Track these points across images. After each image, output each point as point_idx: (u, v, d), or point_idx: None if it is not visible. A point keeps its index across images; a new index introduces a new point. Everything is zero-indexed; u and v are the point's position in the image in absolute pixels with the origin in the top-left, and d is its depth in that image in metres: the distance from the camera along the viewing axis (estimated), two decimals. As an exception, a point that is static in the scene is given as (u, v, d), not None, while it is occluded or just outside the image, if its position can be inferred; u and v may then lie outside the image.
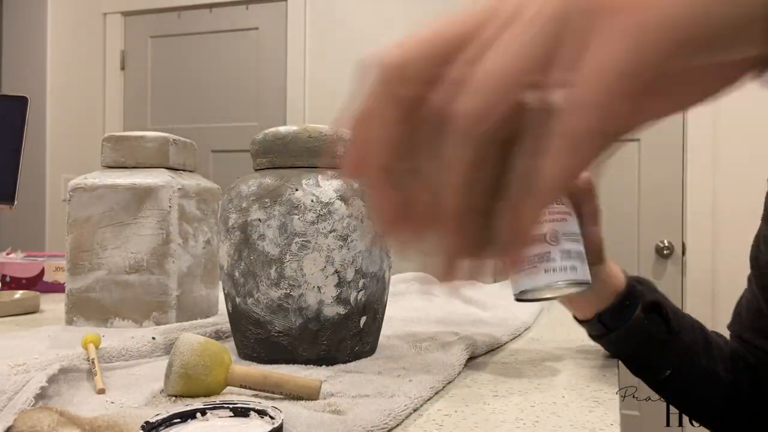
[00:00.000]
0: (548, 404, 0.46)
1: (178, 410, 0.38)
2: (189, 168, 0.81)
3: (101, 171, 0.76)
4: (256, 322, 0.55)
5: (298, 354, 0.54)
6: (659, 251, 2.26)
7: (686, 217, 2.24)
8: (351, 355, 0.56)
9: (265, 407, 0.39)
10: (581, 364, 0.59)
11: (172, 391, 0.45)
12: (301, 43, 2.71)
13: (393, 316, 0.82)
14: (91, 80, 2.93)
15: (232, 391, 0.47)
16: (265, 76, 2.80)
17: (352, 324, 0.55)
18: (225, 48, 2.86)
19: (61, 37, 2.75)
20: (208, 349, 0.45)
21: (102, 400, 0.44)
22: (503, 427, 0.41)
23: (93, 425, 0.36)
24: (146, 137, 0.76)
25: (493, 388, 0.50)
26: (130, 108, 2.99)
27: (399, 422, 0.41)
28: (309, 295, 0.53)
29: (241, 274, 0.55)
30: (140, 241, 0.72)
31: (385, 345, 0.63)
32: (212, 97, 2.87)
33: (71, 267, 0.73)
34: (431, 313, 0.83)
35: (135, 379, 0.50)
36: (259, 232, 0.53)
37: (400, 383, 0.47)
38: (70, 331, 0.69)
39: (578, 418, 0.43)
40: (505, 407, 0.45)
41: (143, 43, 2.98)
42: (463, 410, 0.44)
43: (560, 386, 0.51)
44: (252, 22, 2.83)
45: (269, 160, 0.57)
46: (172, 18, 2.94)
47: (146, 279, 0.71)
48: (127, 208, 0.72)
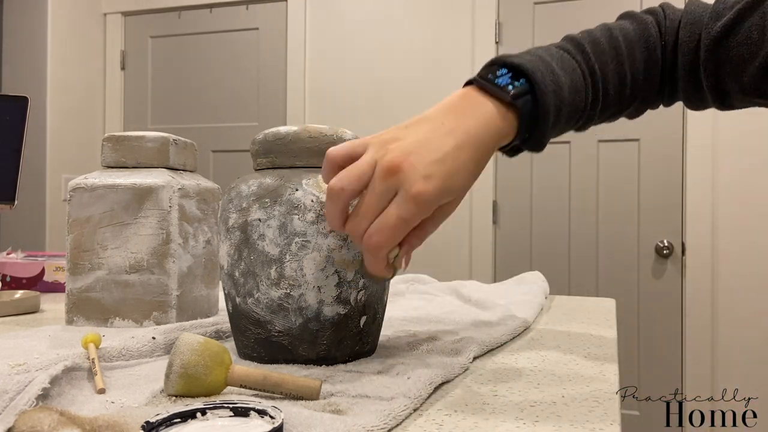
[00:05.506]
0: (548, 404, 0.46)
1: (178, 410, 0.38)
2: (189, 168, 0.81)
3: (101, 171, 0.76)
4: (256, 322, 0.55)
5: (298, 354, 0.54)
6: (659, 251, 2.26)
7: (686, 217, 2.24)
8: (351, 355, 0.56)
9: (265, 407, 0.39)
10: (581, 364, 0.59)
11: (172, 391, 0.45)
12: (301, 43, 2.71)
13: (393, 316, 0.82)
14: (91, 80, 2.93)
15: (232, 391, 0.47)
16: (265, 76, 2.80)
17: (352, 324, 0.55)
18: (225, 48, 2.86)
19: (61, 37, 2.75)
20: (208, 349, 0.45)
21: (102, 399, 0.44)
22: (503, 427, 0.41)
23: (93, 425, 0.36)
24: (146, 137, 0.76)
25: (493, 388, 0.50)
26: (130, 108, 2.99)
27: (399, 422, 0.41)
28: (309, 295, 0.53)
29: (241, 274, 0.55)
30: (140, 241, 0.72)
31: (385, 345, 0.63)
32: (212, 97, 2.87)
33: (71, 267, 0.73)
34: (431, 313, 0.83)
35: (135, 378, 0.50)
36: (259, 232, 0.53)
37: (400, 383, 0.47)
38: (70, 331, 0.69)
39: (578, 418, 0.43)
40: (505, 407, 0.45)
41: (143, 43, 2.98)
42: (463, 410, 0.44)
43: (560, 386, 0.51)
44: (252, 22, 2.83)
45: (269, 160, 0.58)
46: (172, 18, 2.94)
47: (146, 279, 0.71)
48: (127, 208, 0.72)
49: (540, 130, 0.52)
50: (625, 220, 2.33)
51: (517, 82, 0.50)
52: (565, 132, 0.57)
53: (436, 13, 2.55)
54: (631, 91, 0.60)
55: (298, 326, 0.54)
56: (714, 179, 2.21)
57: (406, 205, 0.42)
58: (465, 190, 0.46)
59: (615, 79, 0.58)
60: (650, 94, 0.62)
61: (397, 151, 0.44)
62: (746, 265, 2.14)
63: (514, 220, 2.46)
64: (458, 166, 0.45)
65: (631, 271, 2.31)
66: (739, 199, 2.18)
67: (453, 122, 0.47)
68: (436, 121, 0.47)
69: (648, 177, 2.31)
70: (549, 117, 0.51)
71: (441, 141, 0.45)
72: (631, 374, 2.27)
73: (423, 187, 0.42)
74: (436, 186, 0.43)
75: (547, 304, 1.01)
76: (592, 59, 0.57)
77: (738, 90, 0.59)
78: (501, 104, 0.49)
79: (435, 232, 2.50)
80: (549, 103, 0.51)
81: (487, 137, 0.47)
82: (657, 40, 0.61)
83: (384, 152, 0.44)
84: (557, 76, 0.52)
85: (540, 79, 0.50)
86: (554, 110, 0.51)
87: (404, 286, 1.07)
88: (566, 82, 0.53)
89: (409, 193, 0.42)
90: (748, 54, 0.56)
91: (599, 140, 2.37)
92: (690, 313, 2.20)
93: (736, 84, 0.58)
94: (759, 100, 0.59)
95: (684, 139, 2.27)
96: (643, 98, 0.62)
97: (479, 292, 0.97)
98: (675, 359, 2.24)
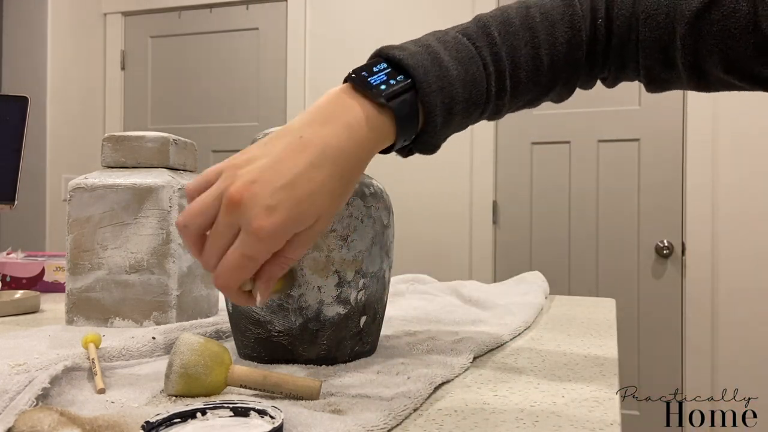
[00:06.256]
0: (548, 404, 0.46)
1: (178, 410, 0.38)
2: (189, 168, 0.81)
3: (101, 171, 0.76)
4: (256, 322, 0.55)
5: (298, 354, 0.54)
6: (659, 251, 2.26)
7: (686, 217, 2.24)
8: (351, 355, 0.56)
9: (265, 407, 0.39)
10: (581, 364, 0.59)
11: (172, 391, 0.45)
12: (301, 43, 2.71)
13: (393, 316, 0.82)
14: (91, 80, 2.93)
15: (232, 391, 0.47)
16: (265, 76, 2.80)
17: (352, 324, 0.55)
18: (225, 48, 2.86)
19: (61, 37, 2.75)
20: (208, 349, 0.45)
21: (102, 399, 0.45)
22: (503, 427, 0.41)
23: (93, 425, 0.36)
24: (146, 137, 0.76)
25: (493, 388, 0.50)
26: (130, 108, 2.99)
27: (399, 422, 0.41)
28: (309, 295, 0.53)
29: (241, 274, 0.55)
30: (140, 240, 0.72)
31: (385, 345, 0.63)
32: (212, 97, 2.87)
33: (71, 267, 0.73)
34: (431, 313, 0.83)
35: (135, 378, 0.50)
36: (259, 232, 0.53)
37: (400, 383, 0.47)
38: (71, 330, 0.69)
39: (578, 418, 0.43)
40: (505, 407, 0.45)
41: (143, 43, 2.98)
42: (463, 410, 0.44)
43: (560, 386, 0.51)
44: (252, 22, 2.83)
45: (269, 160, 0.58)
46: (172, 18, 2.94)
47: (146, 279, 0.71)
48: (127, 207, 0.72)
49: (428, 133, 0.46)
50: (625, 220, 2.33)
51: (393, 80, 0.44)
52: (469, 125, 0.51)
53: (436, 13, 2.55)
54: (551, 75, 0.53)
55: (298, 326, 0.54)
56: (714, 179, 2.21)
57: (247, 242, 0.38)
58: (330, 210, 0.41)
59: (528, 64, 0.51)
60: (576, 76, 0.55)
61: (241, 179, 0.38)
62: (746, 265, 2.14)
63: (514, 220, 2.46)
64: (313, 188, 0.39)
65: (631, 271, 2.31)
66: (739, 199, 2.18)
67: (311, 133, 0.40)
68: (294, 135, 0.40)
69: (648, 177, 2.31)
70: (436, 118, 0.45)
71: (293, 161, 0.39)
72: (631, 374, 2.27)
73: (264, 221, 0.37)
74: (280, 218, 0.37)
75: (547, 304, 1.01)
76: (498, 44, 0.50)
77: (721, 69, 0.52)
78: (373, 106, 0.42)
79: (435, 232, 2.51)
80: (434, 102, 0.45)
81: (352, 148, 0.41)
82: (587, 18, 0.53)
83: (231, 181, 0.39)
84: (446, 69, 0.46)
85: (422, 76, 0.44)
86: (442, 109, 0.46)
87: (404, 286, 1.07)
88: (459, 75, 0.47)
89: (250, 228, 0.37)
90: (735, 28, 0.50)
91: (599, 140, 2.37)
92: (690, 313, 2.20)
93: (719, 62, 0.52)
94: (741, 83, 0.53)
95: (684, 139, 2.27)
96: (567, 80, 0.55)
97: (479, 292, 0.97)
98: (675, 359, 2.24)
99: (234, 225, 0.38)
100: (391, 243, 0.59)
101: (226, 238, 0.39)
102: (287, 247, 0.40)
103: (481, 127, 2.46)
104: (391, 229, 0.59)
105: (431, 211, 2.53)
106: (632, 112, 2.33)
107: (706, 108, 2.22)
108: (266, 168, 0.39)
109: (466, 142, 2.49)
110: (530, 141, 2.45)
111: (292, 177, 0.39)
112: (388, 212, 0.58)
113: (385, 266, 0.58)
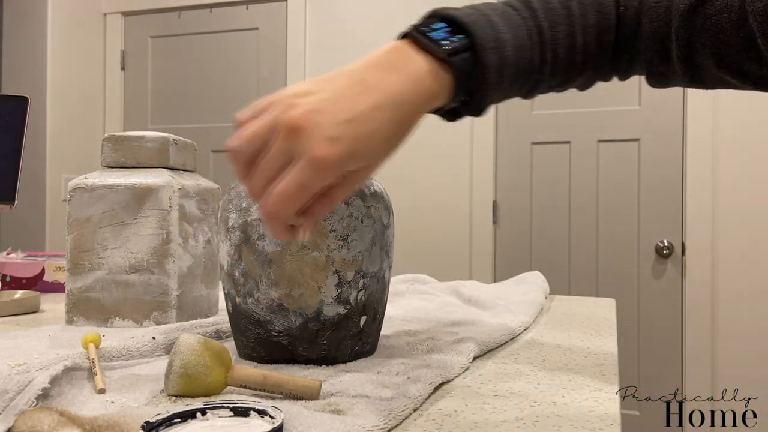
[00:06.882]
0: (548, 404, 0.46)
1: (178, 410, 0.38)
2: (189, 168, 0.81)
3: (101, 171, 0.76)
4: (256, 322, 0.55)
5: (298, 354, 0.54)
6: (659, 251, 2.26)
7: (686, 217, 2.24)
8: (351, 355, 0.56)
9: (265, 407, 0.39)
10: (581, 364, 0.59)
11: (172, 391, 0.45)
12: (301, 43, 2.71)
13: (393, 316, 0.82)
14: (91, 80, 2.93)
15: (232, 391, 0.47)
16: (265, 76, 2.80)
17: (352, 324, 0.55)
18: (225, 48, 2.86)
19: (61, 37, 2.75)
20: (208, 349, 0.45)
21: (102, 399, 0.45)
22: (503, 427, 0.41)
23: (93, 425, 0.36)
24: (146, 137, 0.76)
25: (493, 388, 0.50)
26: (130, 108, 2.99)
27: (399, 422, 0.41)
28: (309, 295, 0.53)
29: (241, 273, 0.55)
30: (140, 241, 0.72)
31: (385, 345, 0.63)
32: (212, 97, 2.87)
33: (71, 267, 0.73)
34: (431, 313, 0.83)
35: (135, 378, 0.50)
36: (259, 232, 0.54)
37: (400, 383, 0.47)
38: (70, 331, 0.69)
39: (578, 418, 0.43)
40: (505, 407, 0.45)
41: (143, 43, 2.98)
42: (463, 410, 0.44)
43: (560, 386, 0.51)
44: (252, 22, 2.83)
45: (269, 160, 0.58)
46: (172, 18, 2.94)
47: (146, 279, 0.71)
48: (127, 208, 0.72)
49: (481, 91, 0.46)
50: (625, 220, 2.33)
51: (454, 38, 0.44)
52: (510, 97, 0.51)
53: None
54: (583, 57, 0.54)
55: (298, 326, 0.54)
56: (714, 179, 2.21)
57: (304, 170, 0.37)
58: (381, 156, 0.41)
59: (566, 41, 0.52)
60: (602, 63, 0.56)
61: (302, 107, 0.39)
62: (746, 264, 2.14)
63: (514, 220, 2.46)
64: (373, 128, 0.40)
65: (631, 271, 2.31)
66: (739, 198, 2.18)
67: (375, 78, 0.41)
68: (356, 76, 0.41)
69: (648, 177, 2.31)
70: (490, 76, 0.46)
71: (357, 98, 0.40)
72: (631, 374, 2.27)
73: (325, 150, 0.37)
74: (341, 150, 0.38)
75: (547, 304, 1.01)
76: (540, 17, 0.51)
77: (713, 63, 0.53)
78: (434, 61, 0.43)
79: (435, 232, 2.51)
80: (490, 61, 0.45)
81: (414, 98, 0.42)
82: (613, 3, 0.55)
83: (288, 108, 0.39)
84: (499, 32, 0.46)
85: (480, 34, 0.45)
86: (496, 69, 0.46)
87: (404, 286, 1.07)
88: (509, 39, 0.47)
89: (309, 156, 0.37)
90: (727, 22, 0.50)
91: (599, 140, 2.37)
92: (690, 313, 2.20)
93: (711, 56, 0.53)
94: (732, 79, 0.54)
95: (684, 139, 2.27)
96: (595, 66, 0.56)
97: (479, 292, 0.97)
98: (675, 359, 2.24)
99: (289, 152, 0.38)
100: (391, 243, 0.59)
101: (278, 164, 0.39)
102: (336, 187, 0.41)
103: (481, 126, 2.46)
104: (391, 229, 0.59)
105: (431, 211, 2.53)
106: (632, 112, 2.33)
107: (707, 108, 2.22)
108: (329, 101, 0.39)
109: (466, 142, 2.49)
110: (530, 141, 2.45)
111: (355, 114, 0.39)
112: (388, 212, 0.58)
113: (385, 266, 0.58)
